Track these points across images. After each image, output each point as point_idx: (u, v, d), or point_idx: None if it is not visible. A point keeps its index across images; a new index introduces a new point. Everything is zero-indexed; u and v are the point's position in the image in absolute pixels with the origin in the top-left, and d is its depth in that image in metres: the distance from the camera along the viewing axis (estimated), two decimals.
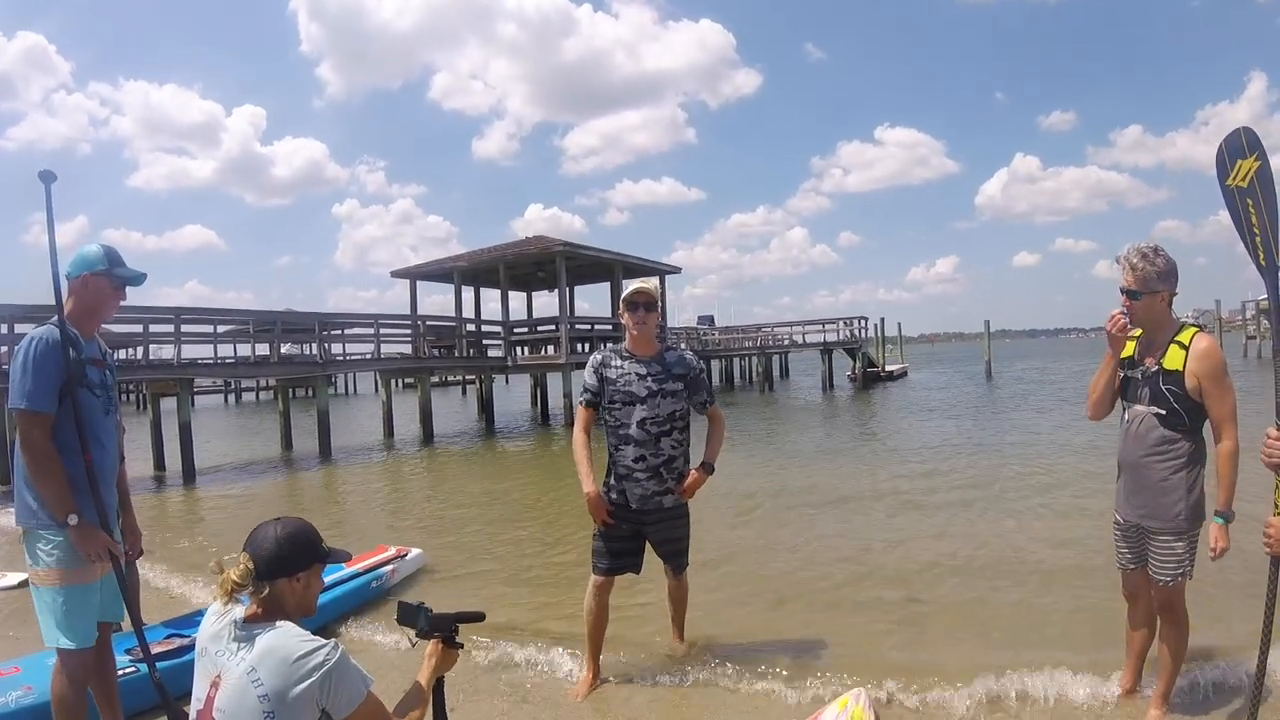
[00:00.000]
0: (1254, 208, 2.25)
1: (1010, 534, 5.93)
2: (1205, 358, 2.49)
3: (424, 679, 1.83)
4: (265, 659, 1.53)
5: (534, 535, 6.83)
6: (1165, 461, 2.56)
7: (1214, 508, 2.51)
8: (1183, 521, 2.56)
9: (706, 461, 3.25)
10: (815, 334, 29.80)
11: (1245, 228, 2.26)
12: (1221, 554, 2.47)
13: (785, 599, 4.51)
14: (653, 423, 3.14)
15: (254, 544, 1.64)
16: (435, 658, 1.86)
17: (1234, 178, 2.29)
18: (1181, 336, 2.56)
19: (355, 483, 11.41)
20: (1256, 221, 2.24)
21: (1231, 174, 2.30)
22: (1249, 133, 2.32)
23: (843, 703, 2.62)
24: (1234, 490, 2.47)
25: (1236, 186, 2.28)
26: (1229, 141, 2.33)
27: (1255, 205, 2.25)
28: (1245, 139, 2.31)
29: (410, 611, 1.90)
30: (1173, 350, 2.55)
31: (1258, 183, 2.26)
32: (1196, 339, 2.53)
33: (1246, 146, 2.30)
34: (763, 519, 7.03)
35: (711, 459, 3.26)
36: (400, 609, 1.93)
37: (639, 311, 3.15)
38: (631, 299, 3.15)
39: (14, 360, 2.39)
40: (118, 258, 2.51)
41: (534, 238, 22.39)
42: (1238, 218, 2.27)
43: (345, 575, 4.45)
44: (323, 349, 15.97)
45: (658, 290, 3.26)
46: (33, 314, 10.03)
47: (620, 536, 3.21)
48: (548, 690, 3.27)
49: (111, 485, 2.54)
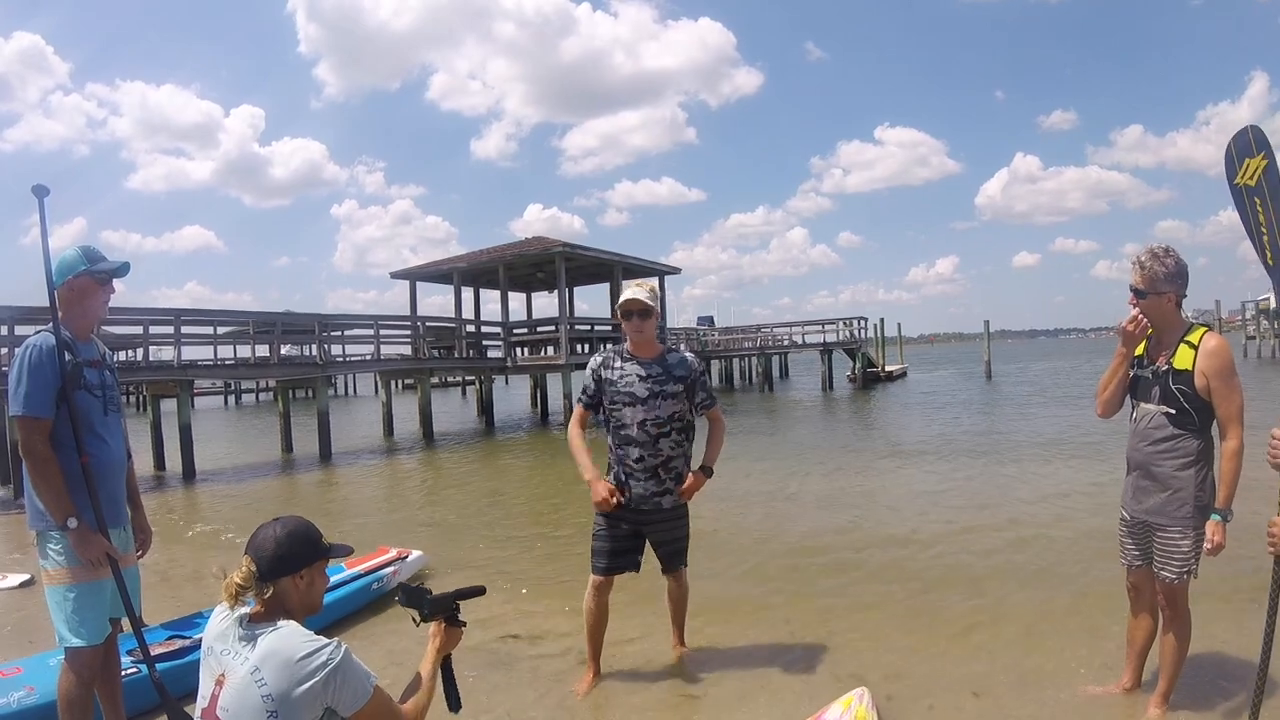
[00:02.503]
0: (1262, 206, 2.25)
1: (1011, 530, 5.93)
2: (1214, 356, 2.49)
3: (429, 661, 1.85)
4: (269, 659, 1.54)
5: (535, 536, 6.83)
6: (1173, 459, 2.56)
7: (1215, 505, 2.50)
8: (1190, 519, 2.56)
9: (705, 464, 3.26)
10: (815, 334, 29.79)
11: (1253, 226, 2.26)
12: (1217, 550, 2.47)
13: (786, 597, 4.50)
14: (652, 424, 3.15)
15: (255, 545, 1.65)
16: (439, 638, 1.88)
17: (1242, 176, 2.29)
18: (1191, 336, 2.55)
19: (355, 484, 11.41)
20: (1264, 220, 2.25)
21: (1240, 172, 2.30)
22: (1257, 131, 2.32)
23: (846, 702, 2.62)
24: (1235, 489, 2.47)
25: (1245, 185, 2.29)
26: (1237, 140, 2.33)
27: (1263, 203, 2.25)
28: (1253, 137, 2.31)
29: (413, 595, 1.93)
30: (1183, 350, 2.54)
31: (1265, 181, 2.26)
32: (1206, 338, 2.53)
33: (1255, 145, 2.30)
34: (763, 517, 7.03)
35: (710, 462, 3.27)
36: (402, 591, 1.97)
37: (634, 320, 3.17)
38: (625, 309, 3.16)
39: (11, 367, 2.43)
40: (96, 254, 2.52)
41: (533, 238, 22.41)
42: (1246, 216, 2.27)
43: (346, 577, 4.45)
44: (323, 350, 15.97)
45: (654, 294, 3.25)
46: (31, 316, 10.03)
47: (621, 535, 3.22)
48: (549, 689, 3.27)
49: (119, 481, 2.58)
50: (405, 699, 1.76)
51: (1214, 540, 2.46)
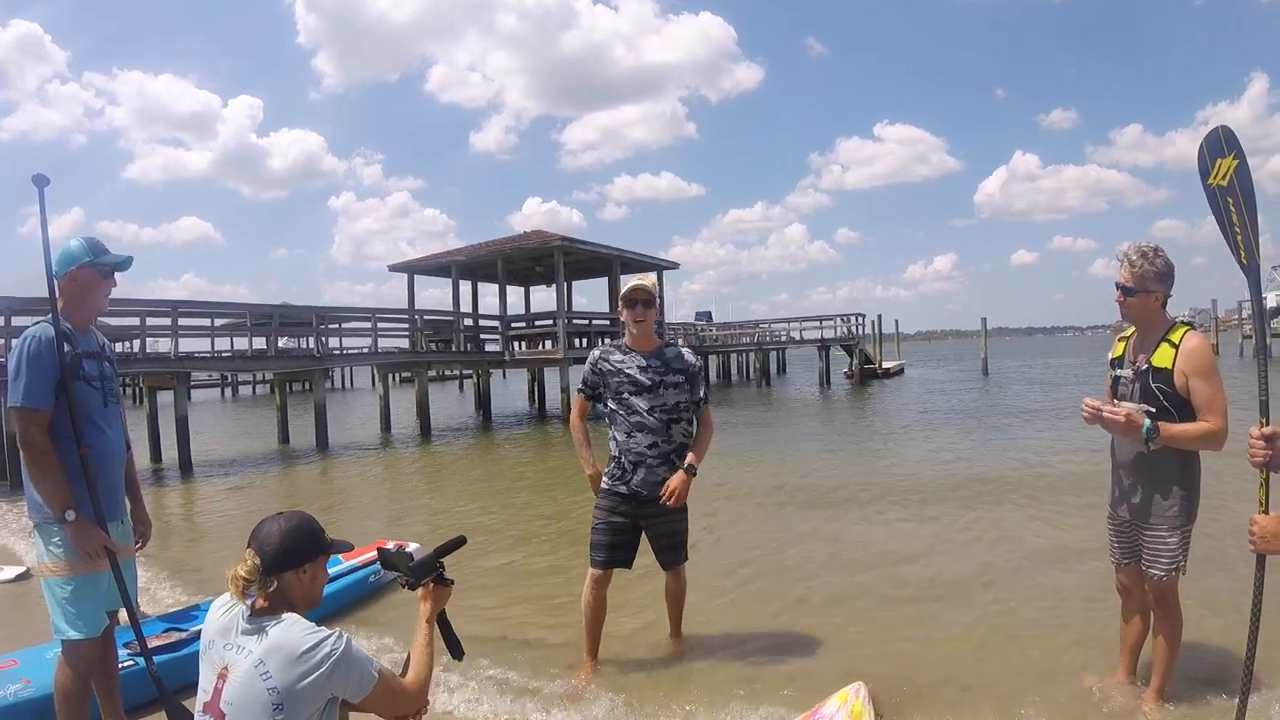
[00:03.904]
0: (1234, 206, 2.28)
1: (1009, 527, 5.96)
2: (1193, 355, 2.51)
3: (422, 623, 1.87)
4: (273, 653, 1.56)
5: (532, 529, 6.83)
6: (1157, 458, 2.57)
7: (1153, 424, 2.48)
8: (1176, 517, 2.58)
9: (690, 464, 3.24)
10: (813, 330, 29.80)
11: (1227, 226, 2.29)
12: (1110, 414, 2.48)
13: (784, 594, 4.52)
14: (661, 410, 3.21)
15: (259, 539, 1.67)
16: (429, 600, 1.90)
17: (1215, 176, 2.32)
18: (1173, 335, 2.57)
19: (352, 477, 11.41)
20: (1237, 220, 2.27)
21: (1213, 173, 2.32)
22: (1227, 131, 2.34)
23: (842, 697, 2.63)
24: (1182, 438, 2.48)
25: (1218, 185, 2.31)
26: (1209, 141, 2.36)
27: (1235, 204, 2.27)
28: (1224, 137, 2.33)
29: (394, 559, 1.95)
30: (1163, 348, 2.56)
31: (1237, 181, 2.29)
32: (1187, 337, 2.54)
33: (1225, 145, 2.32)
34: (759, 515, 7.04)
35: (695, 462, 3.26)
36: (380, 555, 1.99)
37: (637, 308, 3.23)
38: (630, 296, 3.23)
39: (10, 359, 2.43)
40: (100, 246, 2.51)
41: (532, 232, 22.35)
42: (1220, 216, 2.30)
43: (343, 570, 4.46)
44: (320, 343, 15.94)
45: (656, 287, 3.32)
46: (30, 306, 9.99)
47: (620, 529, 3.25)
48: (546, 681, 3.28)
49: (118, 473, 2.59)
50: (407, 669, 1.79)
51: (1123, 412, 2.48)
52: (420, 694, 1.76)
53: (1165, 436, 2.47)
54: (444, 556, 1.96)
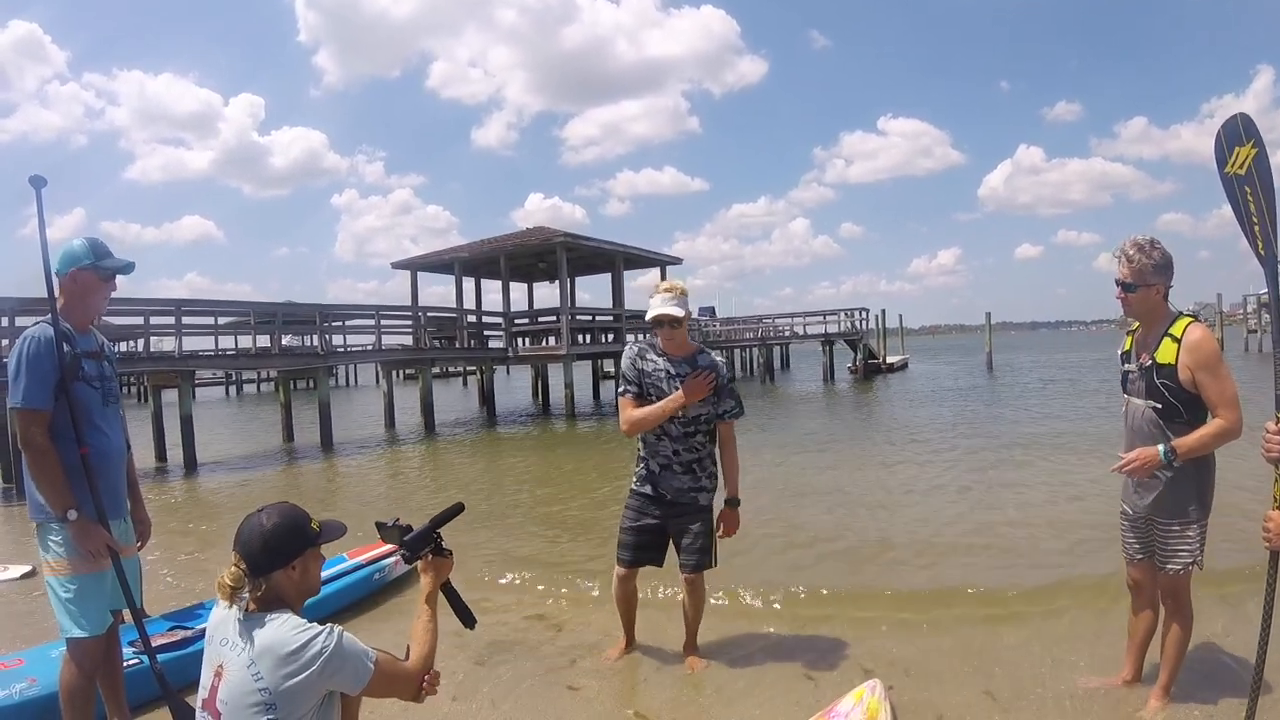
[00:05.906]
0: (1252, 195, 2.21)
1: (1015, 520, 5.94)
2: (1196, 349, 2.46)
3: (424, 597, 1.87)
4: (264, 654, 1.55)
5: (540, 525, 6.82)
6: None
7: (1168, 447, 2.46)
8: (1192, 511, 2.55)
9: (731, 496, 3.26)
10: (816, 325, 29.73)
11: (1244, 216, 2.22)
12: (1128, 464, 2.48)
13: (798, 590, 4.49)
14: (681, 421, 3.20)
15: (242, 541, 1.64)
16: (430, 573, 1.90)
17: (1232, 165, 2.25)
18: (1174, 329, 2.52)
19: (357, 474, 11.43)
20: (1255, 210, 2.20)
21: (1230, 161, 2.25)
22: (1245, 119, 2.27)
23: (858, 694, 2.60)
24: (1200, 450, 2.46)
25: (1235, 174, 2.24)
26: (1227, 128, 2.29)
27: (1254, 193, 2.21)
28: (1242, 125, 2.27)
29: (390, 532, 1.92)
30: (1165, 344, 2.51)
31: (1255, 170, 2.22)
32: (1189, 330, 2.49)
33: (1244, 133, 2.26)
34: (771, 509, 7.00)
35: (734, 493, 3.28)
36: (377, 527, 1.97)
37: (664, 329, 3.19)
38: (656, 321, 3.16)
39: (10, 359, 2.42)
40: (103, 249, 2.50)
41: (535, 228, 22.34)
42: (1237, 206, 2.23)
43: (348, 567, 4.44)
44: (324, 340, 15.95)
45: (683, 296, 3.19)
46: (30, 307, 10.00)
47: (648, 529, 3.26)
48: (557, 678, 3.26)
49: (120, 471, 2.58)
50: (410, 651, 1.78)
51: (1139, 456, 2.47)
52: (422, 675, 1.75)
53: (1184, 452, 2.44)
54: (441, 526, 1.92)
